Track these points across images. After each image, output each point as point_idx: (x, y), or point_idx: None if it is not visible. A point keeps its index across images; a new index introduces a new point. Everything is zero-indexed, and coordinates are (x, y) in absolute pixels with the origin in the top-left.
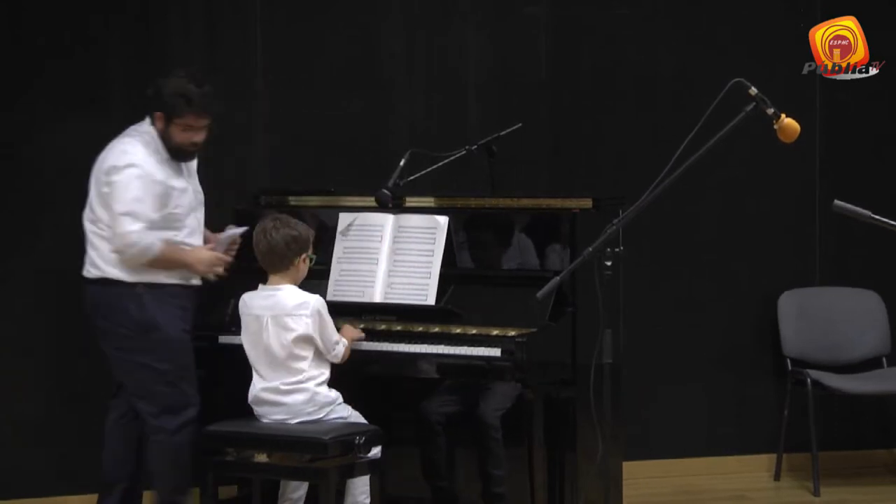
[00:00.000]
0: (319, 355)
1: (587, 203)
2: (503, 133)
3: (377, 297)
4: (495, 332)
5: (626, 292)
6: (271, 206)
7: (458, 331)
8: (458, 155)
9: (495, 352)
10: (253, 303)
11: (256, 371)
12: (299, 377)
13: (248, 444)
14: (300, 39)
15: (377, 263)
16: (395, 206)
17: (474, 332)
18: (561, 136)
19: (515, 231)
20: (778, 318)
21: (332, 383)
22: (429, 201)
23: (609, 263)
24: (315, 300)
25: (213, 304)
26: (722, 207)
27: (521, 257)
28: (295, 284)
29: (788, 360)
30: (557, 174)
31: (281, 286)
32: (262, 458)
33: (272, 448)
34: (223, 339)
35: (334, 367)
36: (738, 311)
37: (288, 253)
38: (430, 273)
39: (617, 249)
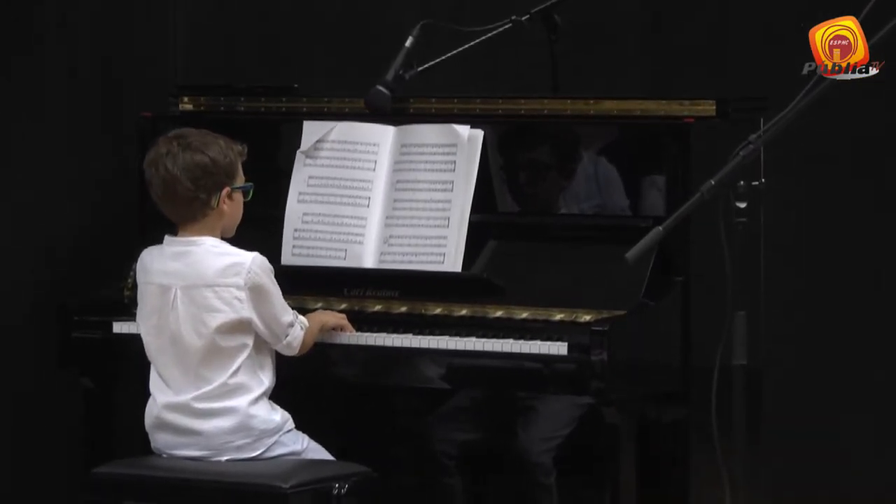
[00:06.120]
0: (261, 350)
1: (708, 108)
2: None
3: (368, 260)
4: (559, 317)
5: (769, 253)
6: (194, 114)
7: (499, 314)
8: (499, 30)
9: (559, 348)
10: (155, 265)
11: (160, 375)
12: (225, 389)
13: (160, 496)
14: None
15: (368, 205)
16: (396, 111)
17: (524, 315)
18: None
19: (591, 153)
20: None
21: (285, 396)
22: (452, 105)
23: (743, 206)
24: (252, 261)
25: (106, 270)
26: None
27: (599, 195)
28: (220, 236)
29: None
30: (658, 63)
31: (198, 238)
32: None
33: (199, 501)
34: (120, 326)
35: (286, 369)
36: None
37: (196, 192)
38: (452, 220)
39: (755, 183)
